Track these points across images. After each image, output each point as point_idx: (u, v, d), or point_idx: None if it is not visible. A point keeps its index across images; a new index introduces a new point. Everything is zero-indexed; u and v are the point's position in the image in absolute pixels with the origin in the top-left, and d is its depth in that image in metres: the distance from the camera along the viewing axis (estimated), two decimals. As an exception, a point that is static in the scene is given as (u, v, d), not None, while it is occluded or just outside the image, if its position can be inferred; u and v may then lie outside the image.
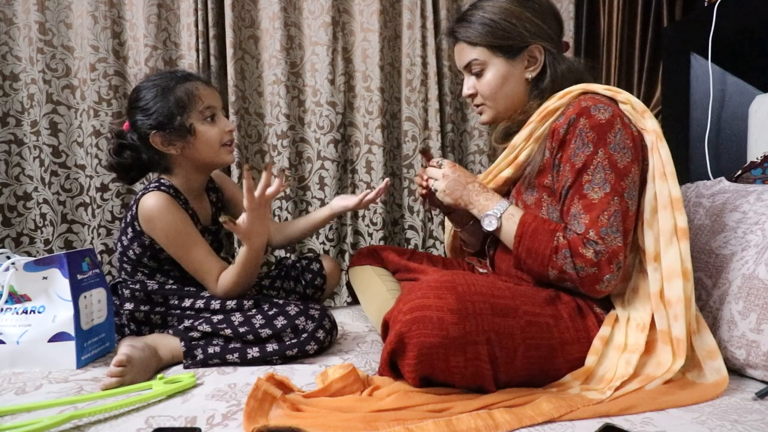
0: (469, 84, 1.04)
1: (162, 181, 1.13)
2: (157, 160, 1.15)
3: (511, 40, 0.97)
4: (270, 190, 1.03)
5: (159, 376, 0.93)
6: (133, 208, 1.12)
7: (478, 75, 1.01)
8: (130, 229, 1.12)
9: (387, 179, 1.30)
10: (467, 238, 1.20)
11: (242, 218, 1.02)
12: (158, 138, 1.10)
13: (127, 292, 1.13)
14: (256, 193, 1.01)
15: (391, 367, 0.87)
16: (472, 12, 1.00)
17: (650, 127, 0.90)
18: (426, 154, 1.12)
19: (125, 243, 1.14)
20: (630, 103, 0.92)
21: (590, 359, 0.86)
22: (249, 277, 1.11)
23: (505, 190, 1.07)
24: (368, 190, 1.29)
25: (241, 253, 1.07)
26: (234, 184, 1.37)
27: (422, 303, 0.79)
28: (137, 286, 1.13)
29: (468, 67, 1.02)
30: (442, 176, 1.00)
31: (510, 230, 0.93)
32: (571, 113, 0.89)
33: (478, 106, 1.05)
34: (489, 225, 0.95)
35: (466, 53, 1.01)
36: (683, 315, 0.85)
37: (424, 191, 1.11)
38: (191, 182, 1.18)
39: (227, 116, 1.60)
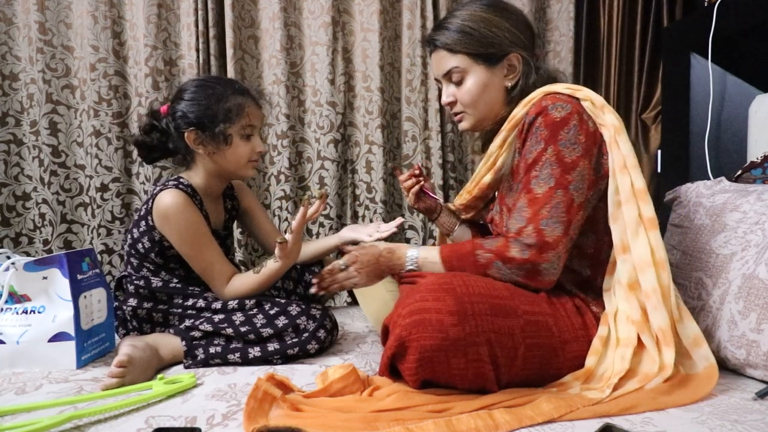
0: (449, 92, 1.03)
1: (181, 179, 1.15)
2: (182, 152, 1.17)
3: (492, 48, 0.97)
4: (315, 215, 1.10)
5: (159, 376, 0.93)
6: (149, 203, 1.13)
7: (458, 83, 1.01)
8: (143, 223, 1.14)
9: (401, 219, 1.26)
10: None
11: (288, 237, 1.08)
12: (193, 135, 1.13)
13: (131, 287, 1.14)
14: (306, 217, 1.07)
15: (392, 371, 0.87)
16: (450, 20, 1.00)
17: (609, 122, 0.90)
18: (396, 169, 1.20)
19: (135, 236, 1.15)
20: (589, 99, 0.92)
21: (590, 360, 0.86)
22: (267, 287, 1.14)
23: (489, 194, 1.09)
24: (380, 224, 1.25)
25: (272, 266, 1.10)
26: (253, 196, 1.38)
27: (421, 306, 0.79)
28: (141, 282, 1.13)
29: (448, 74, 1.01)
30: (356, 272, 1.00)
31: (435, 268, 0.94)
32: (532, 113, 0.91)
33: (456, 114, 1.05)
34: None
35: (446, 61, 1.00)
36: (662, 305, 0.84)
37: (413, 185, 1.16)
38: (209, 185, 1.20)
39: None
